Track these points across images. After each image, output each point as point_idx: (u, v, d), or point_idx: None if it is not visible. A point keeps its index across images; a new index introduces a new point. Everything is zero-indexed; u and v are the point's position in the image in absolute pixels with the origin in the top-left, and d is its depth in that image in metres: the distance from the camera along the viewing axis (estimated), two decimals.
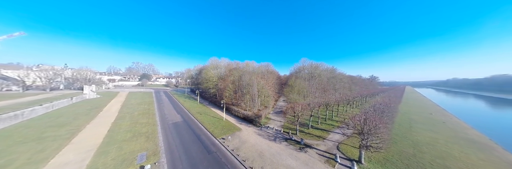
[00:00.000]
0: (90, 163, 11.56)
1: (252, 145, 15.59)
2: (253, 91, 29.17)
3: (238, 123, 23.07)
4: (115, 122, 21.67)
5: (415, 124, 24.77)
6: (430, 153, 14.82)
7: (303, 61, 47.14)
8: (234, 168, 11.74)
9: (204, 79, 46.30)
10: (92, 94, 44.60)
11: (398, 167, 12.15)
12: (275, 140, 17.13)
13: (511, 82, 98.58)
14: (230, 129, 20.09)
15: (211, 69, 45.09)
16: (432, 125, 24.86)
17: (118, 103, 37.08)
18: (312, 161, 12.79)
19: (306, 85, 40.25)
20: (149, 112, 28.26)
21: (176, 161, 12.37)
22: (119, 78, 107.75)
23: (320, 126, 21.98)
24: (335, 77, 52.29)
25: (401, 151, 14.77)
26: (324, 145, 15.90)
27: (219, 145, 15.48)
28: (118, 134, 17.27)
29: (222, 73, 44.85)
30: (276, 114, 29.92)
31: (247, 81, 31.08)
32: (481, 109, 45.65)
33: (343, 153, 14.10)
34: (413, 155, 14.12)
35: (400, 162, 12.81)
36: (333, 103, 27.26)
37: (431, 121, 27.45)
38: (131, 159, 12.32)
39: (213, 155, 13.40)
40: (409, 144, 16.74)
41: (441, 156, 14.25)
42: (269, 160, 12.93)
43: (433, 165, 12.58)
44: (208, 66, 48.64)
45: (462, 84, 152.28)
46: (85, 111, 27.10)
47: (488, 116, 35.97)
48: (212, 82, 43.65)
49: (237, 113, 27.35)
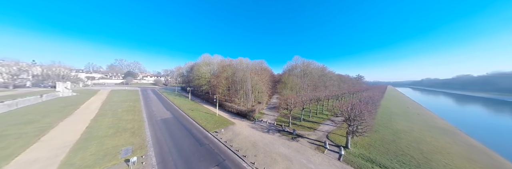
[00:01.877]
0: (65, 159, 10.45)
1: (246, 137, 15.61)
2: (247, 86, 29.14)
3: (232, 118, 22.86)
4: (95, 119, 19.84)
5: (394, 116, 27.24)
6: (406, 139, 16.46)
7: (295, 58, 48.45)
8: (227, 157, 11.65)
9: (196, 76, 44.79)
10: (67, 92, 40.15)
11: (380, 150, 13.28)
12: (268, 131, 17.38)
13: (472, 81, 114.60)
14: (223, 123, 19.83)
15: (203, 65, 43.75)
16: (408, 117, 27.61)
17: (99, 100, 33.98)
18: (303, 148, 13.29)
19: (299, 82, 41.57)
20: (134, 109, 26.44)
21: (165, 154, 11.83)
22: (99, 76, 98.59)
23: (311, 119, 22.93)
24: (325, 75, 54.82)
25: (382, 138, 16.15)
26: (314, 135, 16.60)
27: (212, 138, 15.19)
28: (98, 131, 15.85)
29: (215, 70, 43.88)
30: (269, 109, 30.29)
31: (241, 77, 30.91)
32: (447, 103, 53.09)
33: (332, 141, 14.91)
34: (393, 141, 15.54)
35: (381, 147, 14.01)
36: (323, 98, 28.63)
37: (408, 114, 30.47)
38: (115, 154, 11.44)
39: (205, 147, 13.11)
40: (389, 132, 18.37)
41: (416, 141, 15.94)
42: (262, 149, 13.09)
43: (409, 148, 14.02)
44: (200, 63, 47.12)
45: (434, 83, 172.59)
46: (57, 109, 24.30)
47: (453, 109, 42.45)
48: (205, 79, 42.45)
49: (230, 109, 27.04)
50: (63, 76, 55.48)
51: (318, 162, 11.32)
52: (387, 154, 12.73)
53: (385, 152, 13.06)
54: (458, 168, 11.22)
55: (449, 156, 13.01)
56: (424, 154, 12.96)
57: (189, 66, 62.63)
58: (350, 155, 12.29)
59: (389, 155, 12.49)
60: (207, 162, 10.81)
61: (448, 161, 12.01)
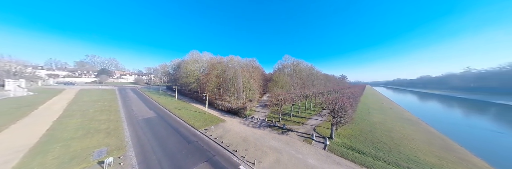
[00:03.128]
0: (18, 165, 8.76)
1: (236, 133, 15.47)
2: (238, 84, 28.84)
3: (222, 116, 22.36)
4: (59, 121, 17.10)
5: (371, 110, 30.44)
6: (381, 128, 18.58)
7: (286, 58, 49.98)
8: (217, 153, 11.37)
9: (184, 74, 42.36)
10: (20, 91, 33.67)
11: (359, 139, 14.71)
12: (259, 127, 17.54)
13: (431, 81, 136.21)
14: (213, 121, 19.26)
15: (191, 63, 41.60)
16: (383, 111, 31.19)
17: (64, 100, 29.37)
18: (292, 141, 13.83)
19: (289, 80, 43.02)
20: (110, 109, 23.67)
21: (148, 153, 10.92)
22: (65, 74, 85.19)
23: (300, 115, 23.97)
24: (313, 74, 57.99)
25: (361, 129, 17.89)
26: (303, 129, 17.42)
27: (201, 135, 14.61)
28: (63, 133, 13.72)
29: (204, 68, 42.20)
30: (261, 107, 30.55)
31: (232, 75, 30.44)
32: (412, 99, 62.42)
33: (318, 133, 15.88)
34: (370, 131, 17.37)
35: (360, 136, 15.54)
36: (311, 95, 30.31)
37: (382, 108, 34.39)
38: (85, 156, 10.07)
39: (193, 144, 12.55)
40: (367, 124, 20.46)
41: (388, 130, 18.13)
42: (253, 143, 13.16)
43: (383, 136, 15.87)
44: (187, 60, 44.67)
45: (403, 83, 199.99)
46: (8, 110, 20.17)
47: (416, 103, 50.23)
48: (193, 77, 40.47)
49: (221, 107, 26.39)
50: (15, 73, 46.20)
51: (305, 152, 11.93)
52: (365, 142, 14.17)
53: (363, 140, 14.51)
54: (419, 150, 13.18)
55: (413, 141, 15.17)
56: (394, 141, 14.83)
57: (176, 64, 58.87)
58: (334, 145, 13.28)
59: (367, 143, 13.93)
60: (195, 158, 10.37)
61: (413, 145, 13.99)
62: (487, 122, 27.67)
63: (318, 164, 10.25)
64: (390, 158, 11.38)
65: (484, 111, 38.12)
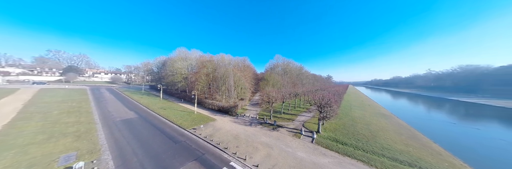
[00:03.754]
0: None
1: (227, 131, 15.24)
2: (229, 82, 28.40)
3: (212, 115, 21.75)
4: (11, 124, 14.38)
5: (353, 107, 33.31)
6: (361, 122, 20.50)
7: (277, 57, 51.13)
8: (207, 151, 11.03)
9: (170, 72, 39.80)
10: None
11: (342, 132, 15.99)
12: (251, 125, 17.60)
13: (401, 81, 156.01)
14: (203, 120, 18.60)
15: (178, 60, 39.32)
16: (362, 107, 34.40)
17: (18, 101, 24.80)
18: (282, 136, 14.27)
19: (280, 79, 44.12)
20: (80, 110, 20.89)
21: (128, 155, 9.99)
22: (19, 71, 71.85)
23: (290, 112, 24.83)
24: (302, 74, 60.61)
25: (344, 123, 19.46)
26: (293, 125, 18.10)
27: (189, 135, 13.97)
28: (18, 138, 11.60)
29: (193, 66, 40.36)
30: (252, 105, 30.60)
31: (223, 73, 29.81)
32: (386, 97, 70.38)
33: (307, 128, 16.71)
34: (351, 125, 19.01)
35: (343, 129, 16.90)
36: (301, 93, 31.71)
37: (362, 105, 37.91)
38: (48, 162, 8.70)
39: (181, 144, 11.93)
40: (349, 118, 22.34)
41: (367, 123, 20.11)
42: (244, 140, 13.15)
43: (362, 129, 17.54)
44: (174, 57, 42.13)
45: (379, 82, 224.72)
46: None
47: (389, 100, 56.94)
48: (181, 75, 38.34)
49: (211, 106, 25.61)
50: None
51: (295, 146, 12.44)
52: (348, 134, 15.47)
53: (346, 133, 15.82)
54: (391, 139, 14.97)
55: (387, 132, 17.14)
56: (372, 132, 16.53)
57: (161, 61, 54.99)
58: (321, 138, 14.16)
59: (349, 135, 15.22)
60: (183, 158, 9.88)
61: (386, 136, 15.81)
62: (443, 115, 32.90)
63: (306, 156, 10.80)
64: (368, 147, 12.66)
65: (440, 106, 45.26)
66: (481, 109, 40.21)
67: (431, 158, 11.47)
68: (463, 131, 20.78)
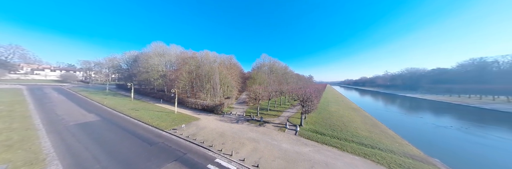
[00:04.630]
0: None
1: (212, 129, 14.67)
2: (215, 80, 27.22)
3: (196, 114, 20.48)
4: None
5: (330, 103, 37.38)
6: (336, 115, 23.25)
7: (263, 56, 52.07)
8: (190, 150, 10.35)
9: (144, 69, 35.16)
10: None
11: (321, 125, 17.78)
12: (237, 122, 17.44)
13: (367, 81, 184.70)
14: (185, 120, 17.31)
15: (155, 56, 35.05)
16: (337, 103, 39.01)
17: None
18: (268, 131, 14.75)
19: (266, 78, 45.15)
20: (11, 115, 16.21)
21: (88, 163, 8.40)
22: None
23: (276, 109, 25.90)
24: (287, 73, 63.78)
25: (323, 117, 21.66)
26: (278, 120, 18.92)
27: (168, 136, 12.78)
28: None
29: (172, 62, 36.76)
30: (239, 104, 30.32)
31: (208, 70, 28.32)
32: (356, 94, 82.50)
33: (291, 122, 17.79)
34: (328, 118, 21.33)
35: (322, 122, 18.81)
36: (286, 91, 33.38)
37: (337, 101, 42.97)
38: None
39: (158, 145, 10.80)
40: (327, 113, 24.99)
41: (340, 116, 22.96)
42: (230, 137, 12.96)
43: (337, 121, 19.94)
44: (149, 53, 37.33)
45: (350, 82, 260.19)
46: None
47: (357, 97, 66.71)
48: (157, 72, 34.37)
49: (194, 105, 24.01)
50: None
51: (279, 138, 13.07)
52: (325, 126, 17.30)
53: (324, 125, 17.66)
54: (359, 128, 17.60)
55: (355, 122, 20.03)
56: (344, 123, 19.00)
57: (131, 57, 47.96)
58: (303, 130, 15.35)
59: (326, 127, 17.05)
60: (161, 159, 8.98)
61: (355, 125, 18.47)
62: (396, 107, 40.88)
63: (290, 147, 11.53)
64: (341, 135, 14.52)
65: (393, 101, 55.86)
66: (420, 102, 51.77)
67: (387, 141, 14.08)
68: (411, 120, 26.40)
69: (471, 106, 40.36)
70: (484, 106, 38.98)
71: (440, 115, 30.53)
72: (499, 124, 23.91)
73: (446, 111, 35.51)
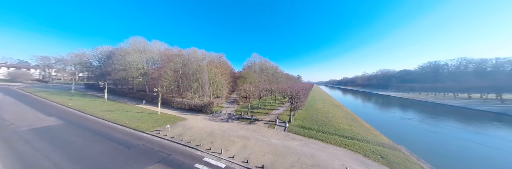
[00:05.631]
0: None
1: (201, 129, 14.14)
2: (203, 78, 26.14)
3: (182, 114, 19.42)
4: None
5: (316, 101, 39.87)
6: (321, 112, 24.95)
7: (254, 56, 52.22)
8: (175, 151, 9.77)
9: (120, 66, 31.55)
10: None
11: (308, 120, 18.85)
12: (227, 121, 17.16)
13: (348, 81, 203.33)
14: (169, 120, 16.24)
15: (134, 52, 31.74)
16: (323, 101, 41.87)
17: None
18: (259, 128, 14.95)
19: (257, 77, 45.43)
20: None
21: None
22: None
23: (267, 107, 26.48)
24: (277, 73, 65.39)
25: (310, 113, 22.99)
26: (268, 118, 19.31)
27: (149, 137, 11.83)
28: None
29: (155, 60, 33.93)
30: (229, 103, 29.85)
31: (196, 68, 27.00)
32: (338, 93, 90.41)
33: (280, 119, 18.36)
34: (315, 114, 22.74)
35: (309, 118, 19.96)
36: (276, 89, 34.19)
37: (323, 99, 46.09)
38: None
39: (137, 148, 9.90)
40: (313, 109, 26.60)
41: (325, 112, 24.73)
42: (220, 135, 12.70)
43: (322, 117, 21.42)
44: (127, 49, 33.62)
45: (334, 82, 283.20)
46: None
47: (340, 95, 73.08)
48: (137, 70, 31.27)
49: (180, 105, 22.69)
50: None
51: (269, 135, 13.38)
52: (312, 121, 18.40)
53: (311, 120, 18.77)
54: (341, 122, 19.26)
55: (338, 117, 21.87)
56: (329, 118, 20.53)
57: (104, 53, 42.68)
58: (292, 126, 16.02)
59: (313, 122, 18.16)
60: (141, 162, 8.27)
61: (338, 120, 20.14)
62: (371, 104, 46.08)
63: (279, 142, 11.92)
64: (326, 129, 15.67)
65: (369, 98, 62.77)
66: (390, 98, 59.36)
67: (363, 133, 15.76)
68: (382, 114, 30.37)
69: (428, 101, 48.12)
70: (437, 101, 46.94)
71: (405, 109, 35.84)
72: (448, 115, 29.28)
73: (410, 106, 41.75)
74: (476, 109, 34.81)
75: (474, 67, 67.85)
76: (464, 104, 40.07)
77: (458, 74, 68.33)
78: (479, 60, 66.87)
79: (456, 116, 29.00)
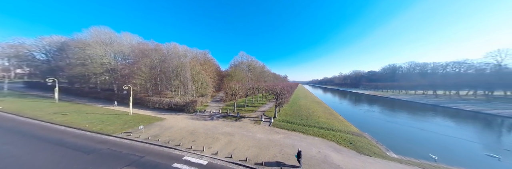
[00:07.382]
0: None
1: (181, 128, 13.25)
2: (185, 76, 24.36)
3: (160, 114, 17.75)
4: None
5: (300, 98, 42.66)
6: (304, 107, 26.86)
7: (241, 54, 51.66)
8: (148, 153, 8.88)
9: (78, 60, 26.38)
10: None
11: (292, 116, 20.01)
12: (212, 119, 16.58)
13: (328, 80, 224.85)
14: (143, 121, 14.64)
15: (96, 45, 26.91)
16: (306, 98, 45.10)
17: None
18: (244, 125, 15.01)
19: (244, 75, 45.16)
20: None
21: None
22: None
23: (253, 105, 26.70)
24: (264, 72, 66.58)
25: (293, 109, 24.43)
26: (255, 115, 19.56)
27: (117, 141, 10.42)
28: None
29: (125, 54, 29.75)
30: (215, 102, 28.82)
31: (176, 65, 24.91)
32: (319, 91, 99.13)
33: (266, 115, 18.89)
34: (298, 110, 24.30)
35: (293, 114, 21.20)
36: (262, 87, 34.83)
37: (305, 97, 49.65)
38: None
39: (100, 153, 8.60)
40: (297, 106, 28.37)
41: (307, 108, 26.72)
42: (203, 133, 12.19)
43: (305, 112, 23.08)
44: (87, 40, 28.29)
45: (317, 82, 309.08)
46: None
47: (320, 93, 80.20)
48: (102, 65, 26.79)
49: (158, 105, 20.62)
50: None
51: (255, 130, 13.62)
52: (295, 116, 19.62)
53: (294, 116, 19.98)
54: (320, 116, 21.19)
55: (318, 112, 23.98)
56: (310, 113, 22.28)
57: (54, 44, 35.15)
58: (276, 121, 16.70)
59: (296, 117, 19.38)
60: (104, 167, 7.20)
61: (317, 114, 22.10)
62: (346, 100, 52.27)
63: (264, 136, 12.28)
64: (307, 123, 16.98)
65: (345, 95, 71.09)
66: (360, 95, 68.67)
67: (338, 124, 17.77)
68: (353, 108, 35.24)
69: (387, 97, 57.81)
70: (394, 97, 56.92)
71: (371, 104, 42.54)
72: (401, 108, 36.30)
73: (374, 101, 49.44)
74: (419, 102, 44.03)
75: (419, 69, 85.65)
76: (412, 99, 49.93)
77: (408, 75, 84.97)
78: (422, 64, 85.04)
79: (406, 108, 36.01)
